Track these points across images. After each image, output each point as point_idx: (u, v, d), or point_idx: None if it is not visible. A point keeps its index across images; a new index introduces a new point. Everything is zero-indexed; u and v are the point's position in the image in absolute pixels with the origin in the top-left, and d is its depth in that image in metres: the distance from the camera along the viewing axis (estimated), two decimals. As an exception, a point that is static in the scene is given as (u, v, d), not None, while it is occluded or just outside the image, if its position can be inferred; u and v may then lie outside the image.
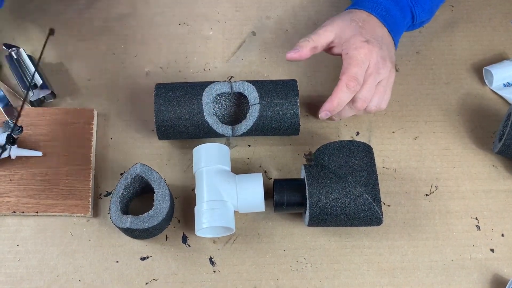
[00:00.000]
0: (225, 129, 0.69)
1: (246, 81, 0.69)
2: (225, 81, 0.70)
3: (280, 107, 0.68)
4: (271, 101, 0.68)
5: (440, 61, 0.81)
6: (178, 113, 0.67)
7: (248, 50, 0.81)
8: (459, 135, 0.76)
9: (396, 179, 0.72)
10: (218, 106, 0.72)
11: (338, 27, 0.69)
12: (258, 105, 0.68)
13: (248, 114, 0.68)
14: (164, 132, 0.69)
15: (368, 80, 0.66)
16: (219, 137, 0.71)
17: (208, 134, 0.69)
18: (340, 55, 0.69)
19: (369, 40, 0.67)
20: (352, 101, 0.67)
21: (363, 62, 0.66)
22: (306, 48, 0.68)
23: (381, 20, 0.70)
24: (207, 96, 0.68)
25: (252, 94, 0.68)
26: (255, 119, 0.68)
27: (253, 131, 0.69)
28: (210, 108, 0.68)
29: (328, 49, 0.71)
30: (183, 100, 0.67)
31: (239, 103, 0.72)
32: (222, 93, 0.70)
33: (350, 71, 0.66)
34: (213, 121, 0.68)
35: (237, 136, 0.69)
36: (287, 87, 0.69)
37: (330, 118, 0.73)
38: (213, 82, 0.69)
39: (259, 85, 0.69)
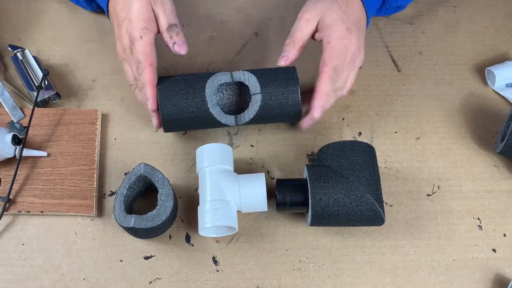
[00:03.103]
0: (229, 119, 0.69)
1: (247, 70, 0.70)
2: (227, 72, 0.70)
3: (281, 95, 0.68)
4: (272, 90, 0.68)
5: (443, 62, 0.81)
6: (182, 105, 0.68)
7: (251, 51, 0.82)
8: (461, 135, 0.76)
9: (398, 179, 0.73)
10: (220, 96, 0.72)
11: (320, 11, 0.68)
12: (260, 94, 0.68)
13: (250, 103, 0.69)
14: (169, 124, 0.69)
15: (345, 70, 0.68)
16: (222, 127, 0.72)
17: (212, 123, 0.69)
18: (321, 40, 0.68)
19: (350, 28, 0.67)
20: (333, 90, 0.68)
21: (342, 54, 0.67)
22: (293, 51, 0.68)
23: (362, 0, 0.70)
24: (210, 88, 0.68)
25: (253, 84, 0.68)
26: (258, 108, 0.68)
27: (256, 120, 0.69)
28: (213, 99, 0.68)
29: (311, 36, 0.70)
30: (187, 93, 0.68)
31: (241, 91, 0.72)
32: (223, 83, 0.70)
33: (332, 63, 0.66)
34: (216, 112, 0.68)
35: (240, 125, 0.69)
36: (287, 74, 0.69)
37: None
38: (214, 73, 0.69)
39: (259, 74, 0.69)
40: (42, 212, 0.68)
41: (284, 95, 0.68)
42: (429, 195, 0.72)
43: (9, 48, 0.77)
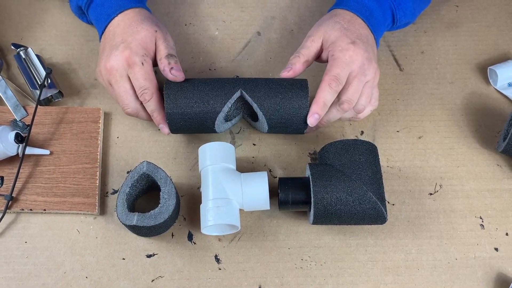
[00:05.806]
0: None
1: (256, 88, 0.68)
2: (234, 77, 0.69)
3: (289, 127, 0.69)
4: (279, 120, 0.68)
5: (445, 61, 0.81)
6: (191, 126, 0.69)
7: (253, 50, 0.82)
8: (463, 135, 0.76)
9: (401, 178, 0.73)
10: (228, 107, 0.71)
11: (324, 32, 0.69)
12: (266, 124, 0.69)
13: (258, 123, 0.70)
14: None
15: (353, 82, 0.66)
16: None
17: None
18: (327, 60, 0.69)
19: (355, 42, 0.67)
20: (339, 103, 0.67)
21: (347, 64, 0.66)
22: (298, 65, 0.69)
23: (365, 21, 0.70)
24: (220, 118, 0.68)
25: (260, 113, 0.68)
26: (265, 130, 0.70)
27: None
28: (222, 120, 0.69)
29: (317, 57, 0.71)
30: (196, 110, 0.67)
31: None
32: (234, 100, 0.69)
33: (332, 71, 0.66)
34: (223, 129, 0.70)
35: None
36: (297, 95, 0.67)
37: (318, 124, 0.71)
38: (224, 83, 0.68)
39: (268, 90, 0.67)
40: (44, 210, 0.69)
41: (292, 127, 0.69)
42: (431, 194, 0.72)
43: (12, 47, 0.77)
